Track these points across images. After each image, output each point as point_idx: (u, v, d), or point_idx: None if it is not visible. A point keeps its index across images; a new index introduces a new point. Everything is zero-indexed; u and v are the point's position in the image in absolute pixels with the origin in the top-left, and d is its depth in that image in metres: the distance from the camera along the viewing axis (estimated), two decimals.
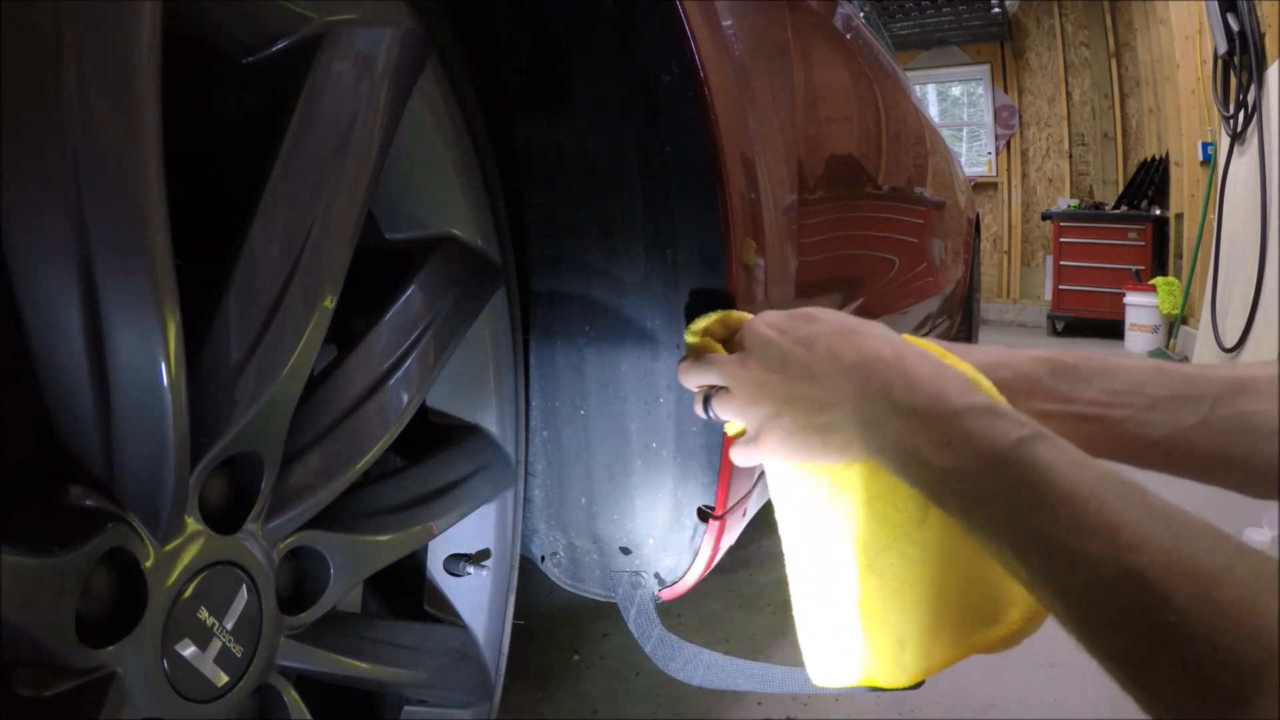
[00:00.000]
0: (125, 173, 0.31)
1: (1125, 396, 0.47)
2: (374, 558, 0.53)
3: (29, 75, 0.28)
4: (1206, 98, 3.56)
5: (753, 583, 1.29)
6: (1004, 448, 0.37)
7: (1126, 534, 0.32)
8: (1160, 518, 0.32)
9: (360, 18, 0.44)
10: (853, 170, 1.07)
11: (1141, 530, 0.32)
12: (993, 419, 0.39)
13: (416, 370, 0.53)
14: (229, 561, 0.41)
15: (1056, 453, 0.36)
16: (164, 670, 0.37)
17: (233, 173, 0.48)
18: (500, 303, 0.64)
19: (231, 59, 0.41)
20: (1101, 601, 0.31)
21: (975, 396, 0.41)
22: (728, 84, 0.60)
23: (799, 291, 0.78)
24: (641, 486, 0.67)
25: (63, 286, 0.31)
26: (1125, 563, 0.31)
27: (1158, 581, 0.30)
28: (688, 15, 0.56)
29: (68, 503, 0.35)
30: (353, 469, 0.50)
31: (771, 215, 0.68)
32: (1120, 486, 0.34)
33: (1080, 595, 0.32)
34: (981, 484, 0.37)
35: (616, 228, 0.62)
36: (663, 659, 0.69)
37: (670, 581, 0.70)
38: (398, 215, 0.57)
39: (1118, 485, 0.34)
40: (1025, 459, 0.36)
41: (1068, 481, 0.34)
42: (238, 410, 0.39)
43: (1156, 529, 0.32)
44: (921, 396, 0.41)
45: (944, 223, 2.03)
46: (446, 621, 0.67)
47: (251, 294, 0.40)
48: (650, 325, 0.63)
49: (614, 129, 0.60)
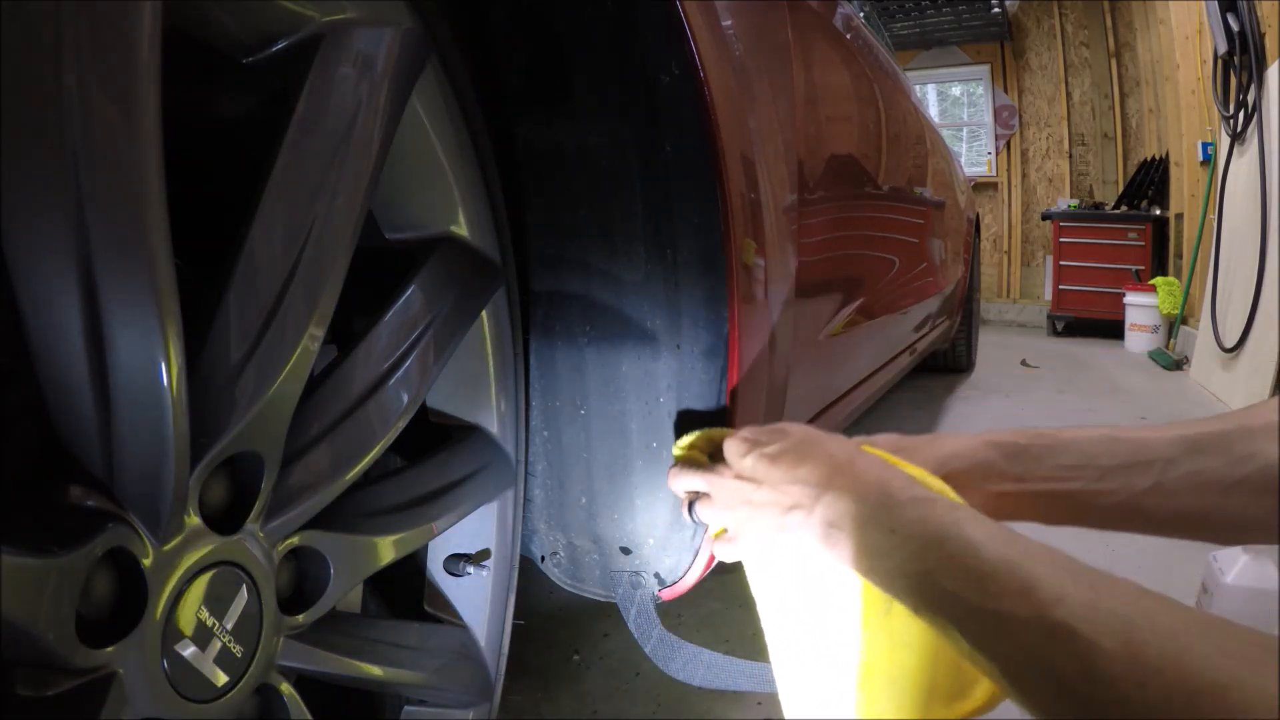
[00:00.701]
0: (125, 172, 0.31)
1: (1076, 470, 0.51)
2: (374, 558, 0.53)
3: (29, 75, 0.28)
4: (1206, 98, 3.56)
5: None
6: (936, 529, 0.41)
7: (1049, 593, 0.34)
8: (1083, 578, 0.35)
9: (360, 18, 0.44)
10: (853, 170, 1.07)
11: (1064, 589, 0.34)
12: (928, 507, 0.43)
13: (416, 370, 0.53)
14: (229, 561, 0.41)
15: (984, 529, 0.40)
16: (164, 670, 0.37)
17: (233, 173, 0.48)
18: (500, 303, 0.64)
19: (231, 59, 0.41)
20: (1032, 658, 0.34)
21: (915, 490, 0.46)
22: (728, 84, 0.60)
23: (799, 291, 0.78)
24: (641, 486, 0.67)
25: (63, 286, 0.31)
26: (1050, 618, 0.33)
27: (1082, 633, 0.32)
28: (688, 15, 0.56)
29: (68, 503, 0.35)
30: (353, 469, 0.50)
31: (771, 215, 0.68)
32: (1045, 554, 0.37)
33: (1012, 654, 0.35)
34: (921, 564, 0.41)
35: (616, 228, 0.62)
36: (663, 659, 0.69)
37: (670, 581, 0.70)
38: (398, 215, 0.57)
39: (1042, 553, 0.37)
40: (955, 536, 0.40)
41: (994, 554, 0.38)
42: (238, 410, 0.39)
43: (1079, 588, 0.34)
44: (869, 494, 0.46)
45: (944, 223, 2.03)
46: (446, 621, 0.67)
47: (251, 294, 0.40)
48: (650, 325, 0.63)
49: (614, 129, 0.60)
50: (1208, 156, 3.66)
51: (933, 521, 0.42)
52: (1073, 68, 5.64)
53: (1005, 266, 5.96)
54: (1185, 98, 3.91)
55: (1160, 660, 0.30)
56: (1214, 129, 3.50)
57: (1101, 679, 0.30)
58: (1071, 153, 5.69)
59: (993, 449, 0.53)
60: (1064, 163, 5.71)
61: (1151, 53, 4.70)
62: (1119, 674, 0.30)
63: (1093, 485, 0.50)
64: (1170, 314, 4.02)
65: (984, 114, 6.04)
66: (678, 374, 0.64)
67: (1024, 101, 5.86)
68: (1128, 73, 5.32)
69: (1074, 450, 0.51)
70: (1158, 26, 4.38)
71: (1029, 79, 5.84)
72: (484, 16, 0.59)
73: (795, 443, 0.52)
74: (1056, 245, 4.95)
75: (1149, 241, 4.66)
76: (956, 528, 0.40)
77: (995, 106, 5.94)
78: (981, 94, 6.05)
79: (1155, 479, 0.48)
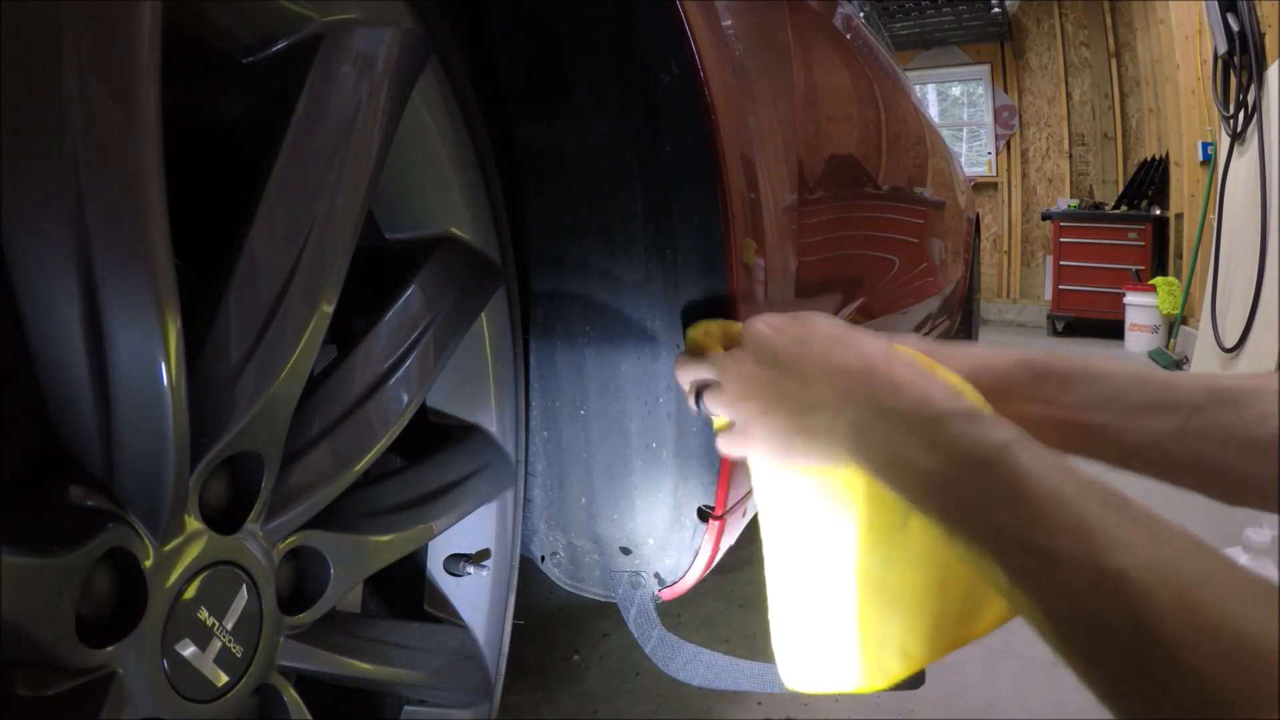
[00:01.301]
0: (125, 172, 0.31)
1: (1104, 403, 0.47)
2: (374, 558, 0.53)
3: (29, 75, 0.28)
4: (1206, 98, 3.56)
5: (752, 583, 1.30)
6: (986, 452, 0.38)
7: (1105, 537, 0.32)
8: (1140, 524, 0.33)
9: (360, 18, 0.44)
10: (853, 170, 1.07)
11: (1121, 534, 0.32)
12: (976, 424, 0.39)
13: (416, 370, 0.53)
14: (229, 561, 0.41)
15: (1038, 458, 0.37)
16: (164, 670, 0.37)
17: (233, 173, 0.48)
18: (500, 303, 0.64)
19: (231, 59, 0.41)
20: (1079, 603, 0.32)
21: (960, 402, 0.42)
22: (728, 84, 0.60)
23: (799, 291, 0.78)
24: (641, 486, 0.67)
25: (63, 286, 0.31)
26: (1103, 564, 0.31)
27: (1136, 582, 0.30)
28: (688, 15, 0.56)
29: (68, 503, 0.35)
30: (353, 469, 0.50)
31: (771, 215, 0.68)
32: (1101, 493, 0.34)
33: (1059, 598, 0.33)
34: (964, 487, 0.38)
35: (616, 228, 0.62)
36: (663, 659, 0.69)
37: (670, 581, 0.70)
38: (398, 215, 0.57)
39: (1099, 491, 0.34)
40: (1007, 463, 0.37)
41: (1048, 486, 0.35)
42: (238, 410, 0.39)
43: (1136, 534, 0.32)
44: (907, 402, 0.42)
45: (944, 223, 2.03)
46: (446, 621, 0.67)
47: (251, 294, 0.40)
48: (650, 325, 0.63)
49: (614, 129, 0.60)
50: (1208, 156, 3.66)
51: (981, 442, 0.38)
52: (1073, 68, 5.64)
53: (1005, 266, 5.96)
54: (1185, 98, 3.91)
55: (1217, 620, 0.28)
56: (1214, 129, 3.50)
57: (1152, 633, 0.29)
58: (1071, 153, 5.69)
59: (1022, 368, 0.50)
60: (1064, 163, 5.71)
61: (1151, 53, 4.70)
62: (1171, 630, 0.29)
63: (1118, 421, 0.47)
64: (1170, 314, 4.02)
65: (984, 114, 6.04)
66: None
67: (1024, 101, 5.86)
68: (1128, 73, 5.32)
69: (1105, 382, 0.48)
70: (1158, 26, 4.38)
71: (1029, 79, 5.84)
72: (484, 16, 0.59)
73: (824, 334, 0.49)
74: (1056, 245, 4.95)
75: (1149, 241, 4.66)
76: (1008, 451, 0.37)
77: (995, 106, 5.94)
78: (981, 94, 6.05)
79: (1180, 423, 0.45)
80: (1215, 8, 2.94)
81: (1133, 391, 0.47)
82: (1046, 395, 0.49)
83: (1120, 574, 0.30)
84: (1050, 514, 0.34)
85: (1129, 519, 0.33)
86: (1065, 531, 0.33)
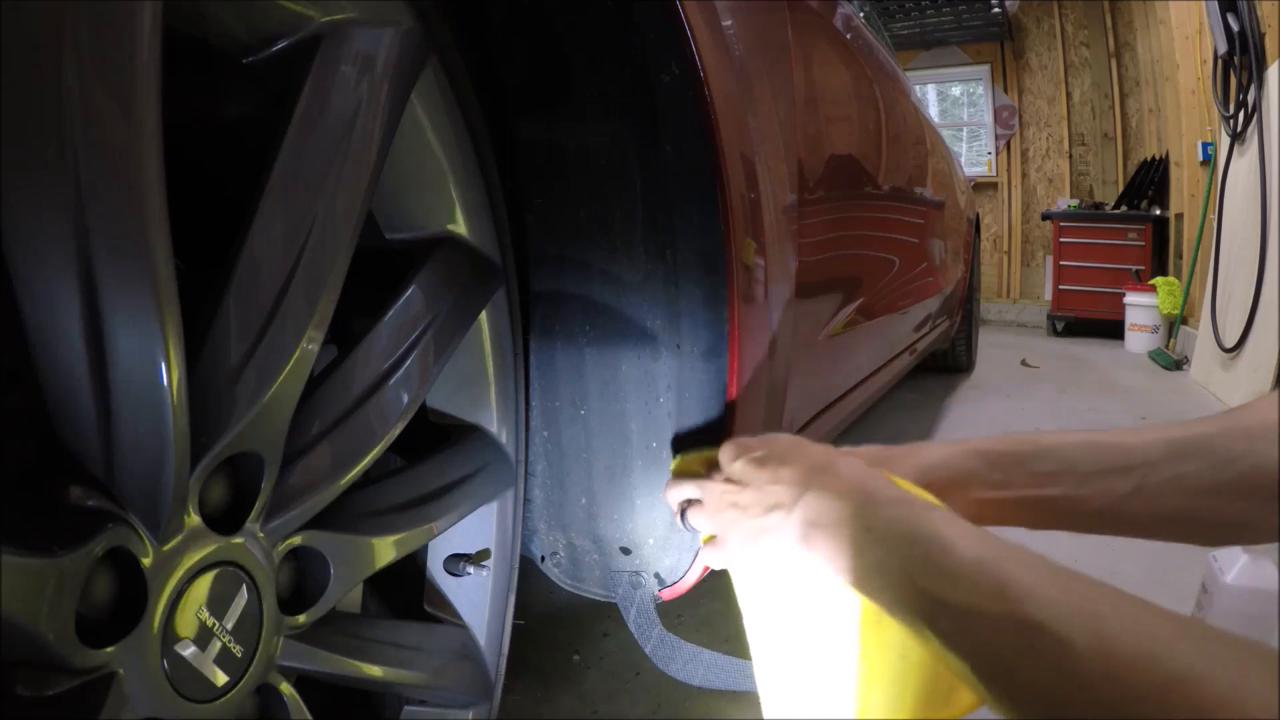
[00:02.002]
0: (125, 172, 0.31)
1: (1057, 476, 0.51)
2: (374, 558, 0.53)
3: (29, 75, 0.28)
4: (1206, 98, 3.56)
5: None
6: (911, 527, 0.42)
7: (1020, 589, 0.34)
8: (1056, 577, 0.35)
9: (360, 18, 0.44)
10: (853, 170, 1.07)
11: (1036, 587, 0.34)
12: (905, 506, 0.44)
13: (416, 370, 0.53)
14: (229, 561, 0.41)
15: (959, 529, 0.40)
16: (164, 670, 0.37)
17: (233, 173, 0.48)
18: (500, 303, 0.64)
19: (232, 59, 0.41)
20: (1005, 656, 0.34)
21: (893, 490, 0.46)
22: (728, 84, 0.60)
23: (799, 291, 0.78)
24: (641, 486, 0.67)
25: (63, 286, 0.31)
26: (1021, 615, 0.33)
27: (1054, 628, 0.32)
28: (688, 15, 0.56)
29: (68, 503, 0.35)
30: (353, 469, 0.50)
31: (771, 215, 0.68)
32: (1020, 554, 0.37)
33: (984, 654, 0.35)
34: (895, 561, 0.41)
35: (616, 228, 0.62)
36: (663, 659, 0.69)
37: (670, 581, 0.70)
38: (398, 215, 0.57)
39: (1018, 553, 0.38)
40: (932, 536, 0.40)
41: (967, 552, 0.38)
42: (238, 410, 0.39)
43: (1051, 585, 0.34)
44: (848, 493, 0.47)
45: (944, 223, 2.03)
46: (446, 621, 0.67)
47: (251, 294, 0.40)
48: (650, 325, 0.63)
49: (614, 129, 0.60)
50: (1208, 156, 3.65)
51: (908, 519, 0.42)
52: (1073, 68, 5.64)
53: (1005, 266, 5.96)
54: (1185, 98, 3.91)
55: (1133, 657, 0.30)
56: (1214, 129, 3.50)
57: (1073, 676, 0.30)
58: (1071, 153, 5.68)
59: (974, 457, 0.54)
60: (1064, 163, 5.71)
61: (1151, 53, 4.70)
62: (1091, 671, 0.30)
63: (1074, 491, 0.50)
64: (1170, 314, 4.02)
65: (984, 114, 6.04)
66: (677, 374, 0.64)
67: (1024, 101, 5.86)
68: (1128, 73, 5.32)
69: (1055, 456, 0.51)
70: (1158, 26, 4.38)
71: (1029, 79, 5.83)
72: (484, 16, 0.59)
73: (780, 448, 0.54)
74: (1056, 245, 4.95)
75: (1149, 241, 4.65)
76: (931, 526, 0.41)
77: (995, 106, 5.93)
78: (981, 94, 6.05)
79: (1136, 483, 0.48)
80: (1215, 8, 2.94)
81: (1085, 460, 0.50)
82: (1001, 479, 0.52)
83: (1038, 623, 0.33)
84: (970, 576, 0.37)
85: (1045, 574, 0.35)
86: (984, 590, 0.36)
